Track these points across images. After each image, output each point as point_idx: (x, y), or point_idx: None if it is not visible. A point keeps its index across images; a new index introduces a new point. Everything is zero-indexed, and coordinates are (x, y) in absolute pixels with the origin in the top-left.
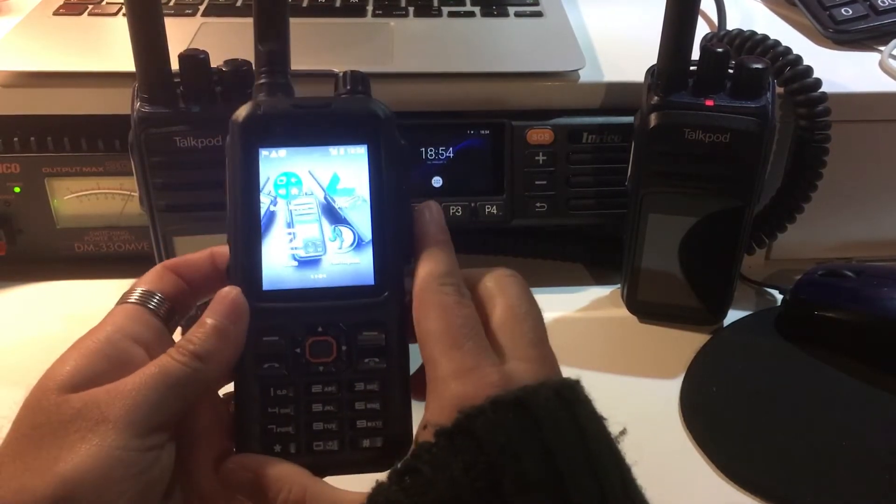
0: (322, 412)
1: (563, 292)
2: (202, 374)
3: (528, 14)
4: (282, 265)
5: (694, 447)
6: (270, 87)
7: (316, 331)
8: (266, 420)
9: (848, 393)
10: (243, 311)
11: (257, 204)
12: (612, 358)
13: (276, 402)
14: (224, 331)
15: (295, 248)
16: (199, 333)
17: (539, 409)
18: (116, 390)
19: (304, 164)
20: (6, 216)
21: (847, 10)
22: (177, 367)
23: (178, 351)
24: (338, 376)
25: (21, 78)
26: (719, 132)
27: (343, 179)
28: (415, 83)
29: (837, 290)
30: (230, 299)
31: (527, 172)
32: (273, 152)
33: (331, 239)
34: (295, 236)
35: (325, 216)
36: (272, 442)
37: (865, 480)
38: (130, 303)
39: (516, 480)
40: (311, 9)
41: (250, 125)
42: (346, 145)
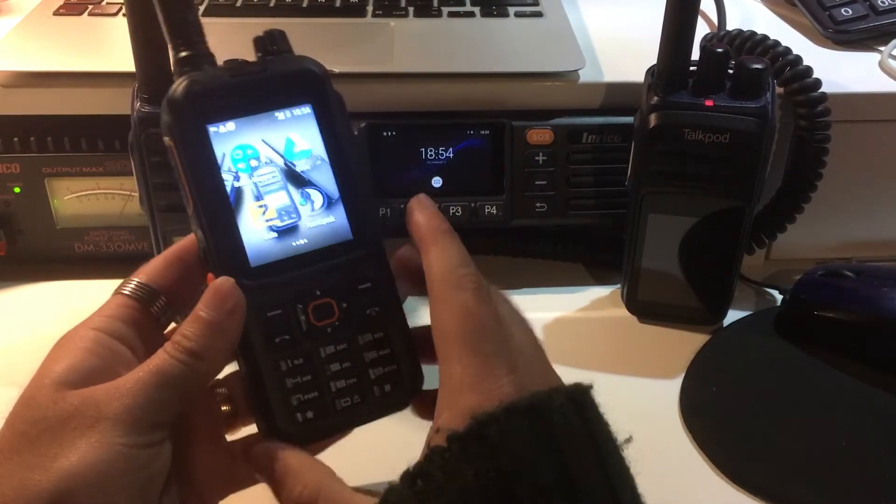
0: (339, 370)
1: (563, 292)
2: (199, 371)
3: (528, 14)
4: (262, 239)
5: (694, 447)
6: (194, 59)
7: (315, 295)
8: (288, 392)
9: (848, 393)
10: (239, 303)
11: (222, 183)
12: (612, 358)
13: (294, 372)
14: (220, 325)
15: (270, 220)
16: (195, 329)
17: (552, 414)
18: (115, 388)
19: (255, 134)
20: (6, 216)
21: (847, 10)
22: (174, 366)
23: (175, 348)
24: (345, 333)
25: (21, 78)
26: (719, 132)
27: (297, 142)
28: (415, 83)
29: (837, 290)
30: (224, 291)
31: (527, 172)
32: (221, 127)
33: (301, 203)
34: (267, 208)
35: (289, 182)
36: (297, 411)
37: (865, 480)
38: (124, 295)
39: (530, 487)
40: (311, 9)
41: (193, 103)
42: (291, 107)
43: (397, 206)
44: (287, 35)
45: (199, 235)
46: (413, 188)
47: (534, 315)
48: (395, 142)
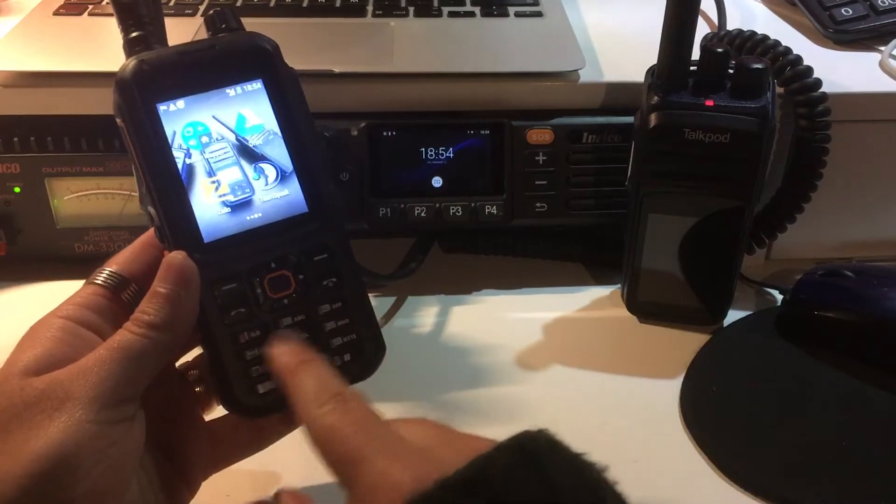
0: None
1: (563, 292)
2: (161, 344)
3: (528, 14)
4: (215, 214)
5: (694, 447)
6: (144, 39)
7: (270, 267)
8: (247, 365)
9: (848, 393)
10: (192, 274)
11: (173, 161)
12: (612, 358)
13: (251, 344)
14: (176, 297)
15: (223, 195)
16: (153, 303)
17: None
18: (78, 368)
19: (206, 111)
20: (6, 216)
21: (847, 10)
22: (135, 340)
23: (133, 323)
24: (303, 304)
25: (21, 78)
26: (719, 132)
27: (249, 118)
28: (415, 83)
29: (837, 290)
30: (177, 265)
31: (527, 172)
32: (171, 105)
33: (255, 178)
34: (220, 183)
35: (242, 157)
36: (256, 383)
37: (865, 480)
38: (95, 284)
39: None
40: (311, 9)
41: (141, 82)
42: (241, 83)
43: (398, 206)
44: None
45: (152, 214)
46: (413, 188)
47: (534, 315)
48: (395, 142)
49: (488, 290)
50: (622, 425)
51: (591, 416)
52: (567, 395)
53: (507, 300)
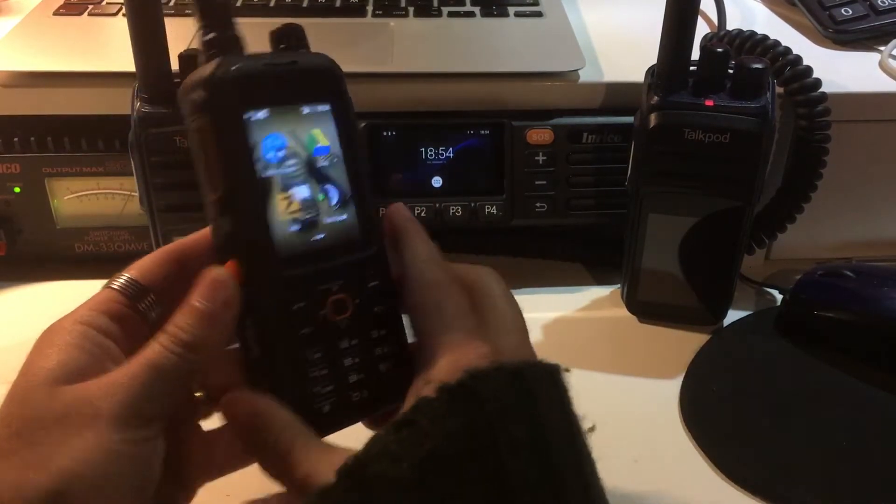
0: (352, 364)
1: (563, 292)
2: (193, 363)
3: (528, 14)
4: (287, 231)
5: (694, 447)
6: (222, 41)
7: (332, 290)
8: (310, 384)
9: (848, 393)
10: (234, 293)
11: (254, 171)
12: (612, 358)
13: (316, 364)
14: (215, 316)
15: (294, 212)
16: (190, 320)
17: (535, 382)
18: (108, 384)
19: (284, 125)
20: (6, 216)
21: (847, 10)
22: (168, 358)
23: (169, 340)
24: (357, 329)
25: (21, 78)
26: (719, 132)
27: (318, 138)
28: (415, 83)
29: (837, 290)
30: (221, 281)
31: (527, 172)
32: (255, 114)
33: (321, 198)
34: (292, 199)
35: (311, 176)
36: (318, 401)
37: (865, 480)
38: (113, 289)
39: (510, 442)
40: (311, 9)
41: (231, 86)
42: (315, 103)
43: None
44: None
45: (220, 224)
46: (413, 188)
47: (534, 315)
48: (395, 142)
49: None
50: (622, 425)
51: (591, 416)
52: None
53: None
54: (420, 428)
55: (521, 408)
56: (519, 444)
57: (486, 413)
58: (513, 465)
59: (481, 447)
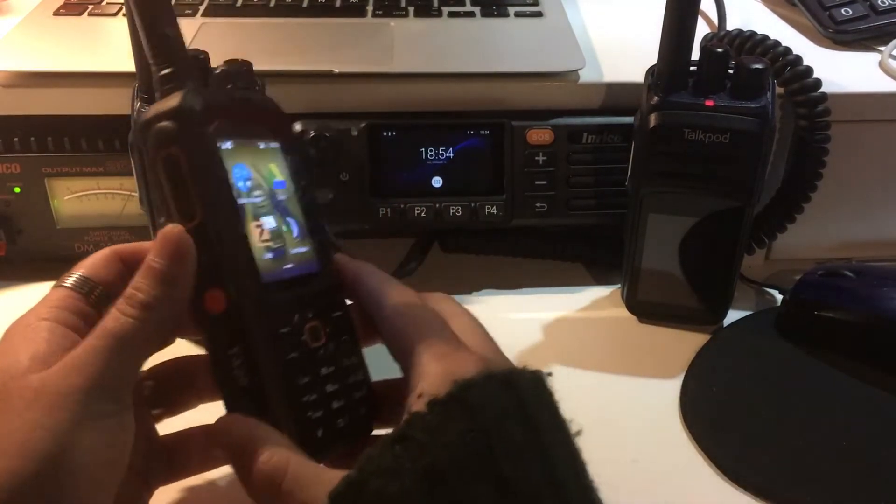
0: (334, 391)
1: (563, 292)
2: (153, 324)
3: (528, 14)
4: (263, 258)
5: (694, 447)
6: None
7: (307, 317)
8: (304, 409)
9: (848, 393)
10: (189, 249)
11: (233, 198)
12: (612, 358)
13: (306, 390)
14: (172, 274)
15: (265, 241)
16: (146, 280)
17: (524, 388)
18: (73, 362)
19: (248, 157)
20: (6, 216)
21: (847, 10)
22: (128, 324)
23: (126, 303)
24: (332, 356)
25: (21, 78)
26: (719, 132)
27: (275, 173)
28: (415, 83)
29: (837, 290)
30: (174, 237)
31: (527, 172)
32: (225, 144)
33: (285, 230)
34: (263, 229)
35: (275, 208)
36: (312, 427)
37: (865, 480)
38: (65, 287)
39: (507, 448)
40: (311, 9)
41: (202, 116)
42: (268, 140)
43: (398, 206)
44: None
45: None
46: (413, 188)
47: (534, 315)
48: (395, 142)
49: (488, 290)
50: (622, 425)
51: (591, 417)
52: (567, 394)
53: (507, 300)
54: (416, 442)
55: (514, 413)
56: (516, 448)
57: (479, 421)
58: (511, 469)
59: (479, 455)
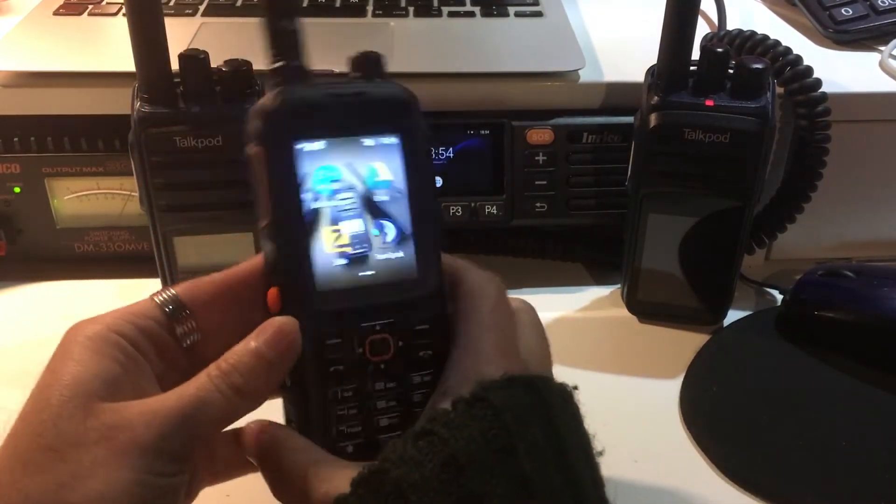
0: (386, 407)
1: (563, 292)
2: (238, 408)
3: (528, 14)
4: (332, 264)
5: (694, 447)
6: (288, 71)
7: (374, 329)
8: (336, 422)
9: (848, 393)
10: (297, 345)
11: (300, 202)
12: (612, 358)
13: (344, 402)
14: (273, 366)
15: (342, 246)
16: (248, 364)
17: (549, 393)
18: (151, 412)
19: (341, 157)
20: (6, 216)
21: (847, 10)
22: (216, 398)
23: (221, 379)
24: (397, 371)
25: (21, 78)
26: (719, 132)
27: (380, 171)
28: (415, 83)
29: (837, 290)
30: (290, 334)
31: (527, 172)
32: (309, 145)
33: (374, 234)
34: (341, 233)
35: (366, 210)
36: (342, 440)
37: (865, 480)
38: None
39: (529, 447)
40: (311, 9)
41: (284, 117)
42: (379, 135)
43: None
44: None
45: (268, 248)
46: None
47: None
48: None
49: None
50: (622, 425)
51: (591, 417)
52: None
53: None
54: (439, 437)
55: (537, 415)
56: (537, 448)
57: (502, 420)
58: (533, 468)
59: (501, 451)
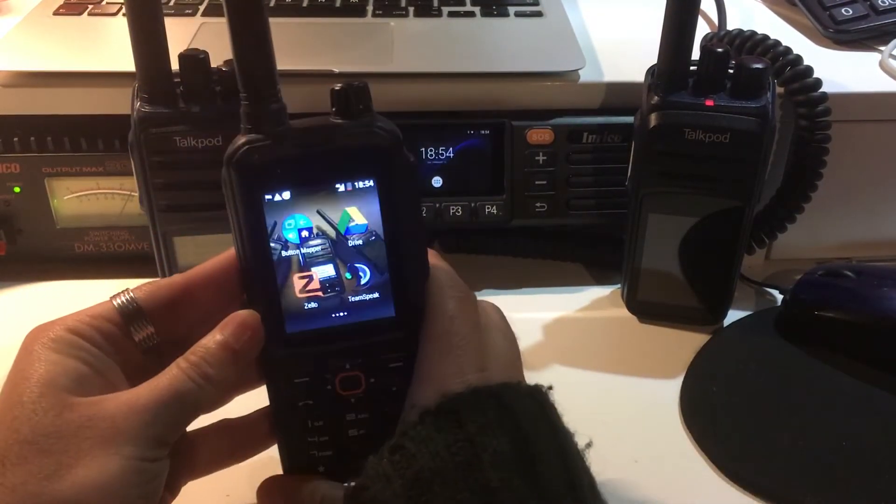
0: (357, 436)
1: (563, 292)
2: (210, 396)
3: (528, 14)
4: (301, 308)
5: (694, 447)
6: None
7: (344, 368)
8: (308, 447)
9: (848, 393)
10: (260, 338)
11: (268, 252)
12: (612, 358)
13: (315, 431)
14: (240, 356)
15: (312, 291)
16: (218, 356)
17: (515, 400)
18: (130, 403)
19: (311, 204)
20: (6, 216)
21: (847, 10)
22: (191, 388)
23: (194, 370)
24: (368, 404)
25: (21, 78)
26: (719, 132)
27: (354, 216)
28: (415, 83)
29: (837, 290)
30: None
31: (527, 172)
32: (277, 195)
33: (347, 276)
34: (311, 279)
35: (339, 255)
36: (315, 464)
37: (865, 480)
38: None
39: (493, 456)
40: (311, 9)
41: (250, 169)
42: (353, 180)
43: None
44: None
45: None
46: None
47: (534, 315)
48: None
49: (488, 290)
50: (622, 425)
51: (592, 417)
52: (567, 394)
53: (507, 300)
54: (407, 451)
55: (502, 423)
56: (502, 457)
57: (466, 431)
58: (498, 480)
59: (465, 463)
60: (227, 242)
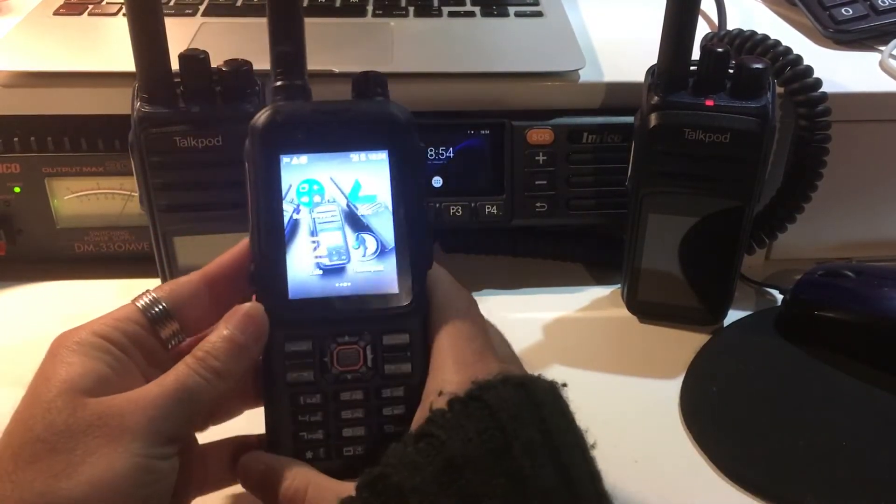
0: (351, 419)
1: (563, 292)
2: (218, 390)
3: (528, 14)
4: (307, 274)
5: (694, 447)
6: (287, 90)
7: (343, 339)
8: (297, 427)
9: (848, 393)
10: (266, 330)
11: (280, 212)
12: (612, 358)
13: (306, 410)
14: (248, 350)
15: (319, 257)
16: (224, 349)
17: (540, 392)
18: (137, 400)
19: (325, 171)
20: (6, 216)
21: (847, 10)
22: (198, 382)
23: (200, 364)
24: (365, 383)
25: (21, 78)
26: (719, 132)
27: (365, 186)
28: (415, 83)
29: (837, 290)
30: (258, 318)
31: (527, 172)
32: (294, 158)
33: (354, 247)
34: (319, 244)
35: (347, 224)
36: (303, 448)
37: (865, 480)
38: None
39: (524, 445)
40: (311, 9)
41: (270, 131)
42: (367, 151)
43: None
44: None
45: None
46: None
47: (534, 315)
48: None
49: (488, 290)
50: (622, 425)
51: (592, 417)
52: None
53: (507, 300)
54: (437, 438)
55: (530, 414)
56: (533, 446)
57: (498, 420)
58: (529, 466)
59: (497, 451)
60: (228, 242)
